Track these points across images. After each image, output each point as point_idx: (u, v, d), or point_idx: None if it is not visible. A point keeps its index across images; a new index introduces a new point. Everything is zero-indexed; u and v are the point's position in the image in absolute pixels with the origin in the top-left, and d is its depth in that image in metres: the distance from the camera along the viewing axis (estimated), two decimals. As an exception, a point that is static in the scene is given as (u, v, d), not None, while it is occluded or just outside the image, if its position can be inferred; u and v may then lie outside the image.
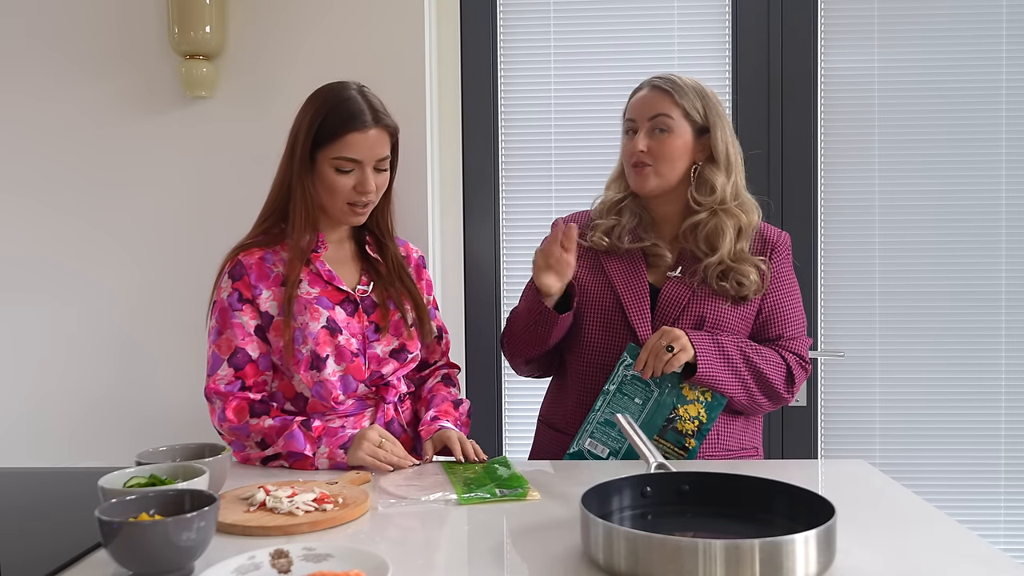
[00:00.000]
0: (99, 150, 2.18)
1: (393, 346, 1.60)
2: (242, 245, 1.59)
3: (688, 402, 1.54)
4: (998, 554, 1.05)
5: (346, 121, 1.50)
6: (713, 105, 1.62)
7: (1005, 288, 2.27)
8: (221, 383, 1.51)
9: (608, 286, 1.63)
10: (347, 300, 1.59)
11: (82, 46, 2.17)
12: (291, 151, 1.56)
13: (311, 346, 1.51)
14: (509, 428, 2.37)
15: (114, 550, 0.95)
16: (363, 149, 1.51)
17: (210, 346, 1.54)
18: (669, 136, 1.59)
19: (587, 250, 1.67)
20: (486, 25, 2.31)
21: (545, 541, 1.12)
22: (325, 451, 1.46)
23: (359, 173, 1.52)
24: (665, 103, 1.59)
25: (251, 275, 1.54)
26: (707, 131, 1.60)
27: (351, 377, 1.55)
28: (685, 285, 1.60)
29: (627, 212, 1.66)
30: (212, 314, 1.56)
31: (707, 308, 1.59)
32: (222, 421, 1.51)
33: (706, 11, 2.29)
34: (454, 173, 2.33)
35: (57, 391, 2.20)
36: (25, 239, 2.20)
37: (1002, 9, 2.24)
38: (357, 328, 1.57)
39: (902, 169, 2.28)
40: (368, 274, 1.64)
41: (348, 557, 0.97)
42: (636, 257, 1.64)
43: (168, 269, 2.18)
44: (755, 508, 1.12)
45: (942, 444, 2.29)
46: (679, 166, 1.60)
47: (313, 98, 1.57)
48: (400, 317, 1.62)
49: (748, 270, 1.58)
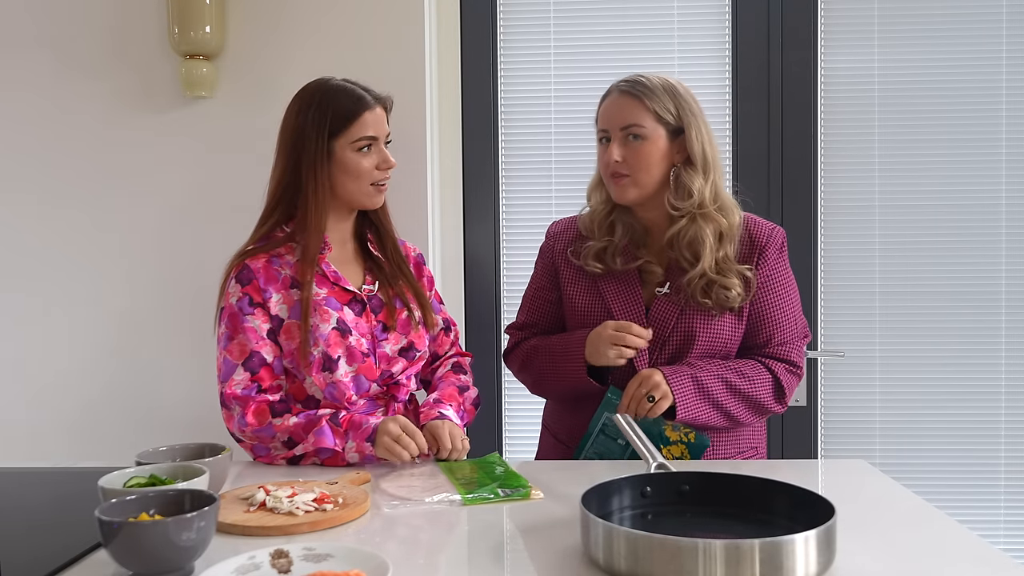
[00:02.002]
0: (99, 150, 2.18)
1: (401, 344, 1.60)
2: (245, 251, 1.58)
3: (671, 443, 1.52)
4: (998, 554, 1.05)
5: (356, 103, 1.55)
6: (686, 103, 1.56)
7: (1005, 288, 2.27)
8: (238, 388, 1.50)
9: (603, 306, 1.61)
10: (354, 300, 1.59)
11: (82, 46, 2.17)
12: (295, 149, 1.55)
13: (322, 348, 1.51)
14: (509, 428, 2.37)
15: (114, 550, 0.95)
16: (377, 126, 1.57)
17: (220, 352, 1.53)
18: (643, 143, 1.54)
19: (580, 268, 1.65)
20: (486, 25, 2.31)
21: (545, 541, 1.12)
22: (353, 445, 1.46)
23: (378, 150, 1.57)
24: (636, 110, 1.55)
25: (259, 279, 1.54)
26: (682, 131, 1.56)
27: (363, 377, 1.55)
28: (673, 303, 1.58)
29: (619, 227, 1.62)
30: (220, 320, 1.55)
31: (697, 322, 1.56)
32: (242, 426, 1.49)
33: (706, 11, 2.29)
34: (454, 173, 2.33)
35: (57, 390, 2.21)
36: (25, 238, 2.20)
37: (1002, 9, 2.24)
38: (366, 328, 1.58)
39: (902, 169, 2.28)
40: (372, 273, 1.64)
41: (348, 557, 0.97)
42: (630, 274, 1.61)
43: (168, 269, 2.18)
44: (755, 508, 1.12)
45: (942, 444, 2.29)
46: (656, 172, 1.56)
47: (306, 96, 1.58)
48: (407, 315, 1.62)
49: (732, 281, 1.55)
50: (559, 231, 1.73)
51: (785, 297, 1.62)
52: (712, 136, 1.59)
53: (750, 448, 1.66)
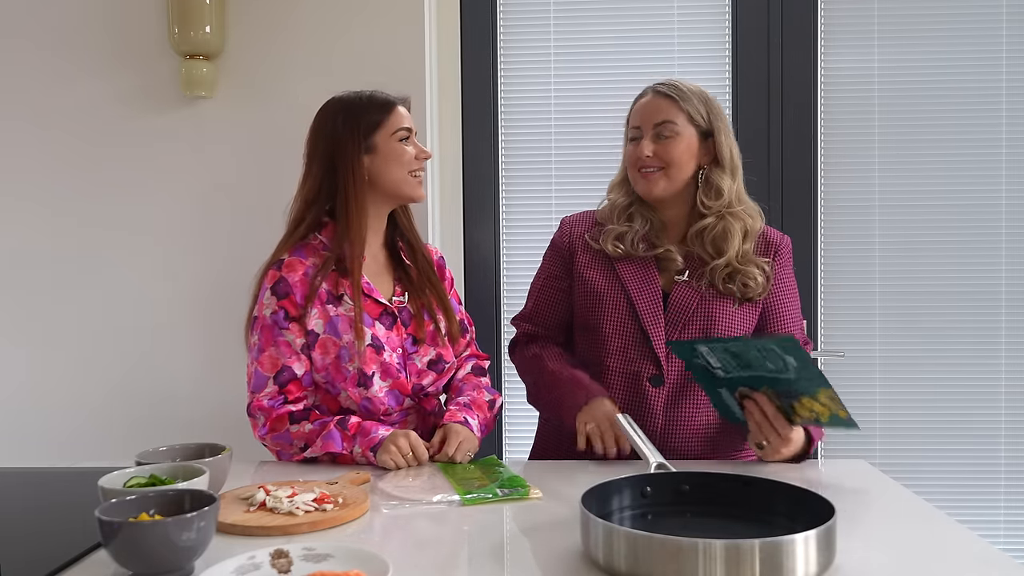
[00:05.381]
0: (99, 150, 2.18)
1: (431, 356, 1.61)
2: (280, 260, 1.56)
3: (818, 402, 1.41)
4: (998, 554, 1.05)
5: (385, 100, 1.60)
6: (716, 109, 1.64)
7: (1005, 288, 2.27)
8: (264, 399, 1.52)
9: (621, 291, 1.63)
10: (385, 313, 1.59)
11: (82, 46, 2.17)
12: (328, 154, 1.56)
13: (358, 364, 1.52)
14: (509, 428, 2.38)
15: (114, 550, 0.95)
16: (409, 119, 1.62)
17: (252, 362, 1.55)
18: (675, 140, 1.60)
19: (598, 253, 1.67)
20: (486, 25, 2.31)
21: (545, 541, 1.12)
22: (359, 451, 1.47)
23: (413, 142, 1.61)
24: (670, 109, 1.60)
25: (296, 293, 1.54)
26: (711, 135, 1.62)
27: (398, 392, 1.57)
28: (693, 288, 1.60)
29: (637, 218, 1.66)
30: (253, 329, 1.56)
31: (715, 310, 1.59)
32: (263, 434, 1.52)
33: (706, 11, 2.29)
34: (454, 173, 2.33)
35: (57, 390, 2.21)
36: (25, 238, 2.20)
37: (1002, 9, 2.24)
38: (396, 341, 1.58)
39: (902, 169, 2.28)
40: (401, 283, 1.65)
41: (348, 557, 0.97)
42: (648, 261, 1.64)
43: (168, 268, 2.18)
44: (755, 508, 1.12)
45: (942, 444, 2.29)
46: (686, 169, 1.61)
47: (331, 109, 1.60)
48: (435, 328, 1.63)
49: (754, 271, 1.60)
50: (575, 220, 1.75)
51: (790, 302, 1.67)
52: (736, 144, 1.66)
53: None
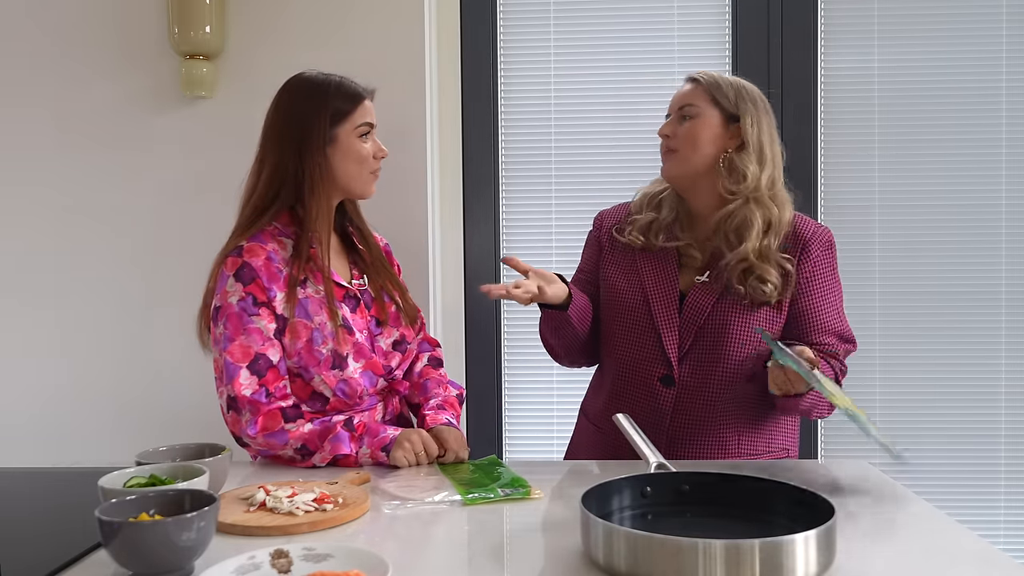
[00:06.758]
0: (99, 149, 2.18)
1: (394, 337, 1.62)
2: (239, 247, 1.52)
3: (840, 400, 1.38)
4: (998, 554, 1.05)
5: (355, 93, 1.58)
6: (750, 97, 1.60)
7: (1005, 288, 2.27)
8: (247, 391, 1.45)
9: (639, 286, 1.62)
10: (348, 296, 1.58)
11: (82, 46, 2.17)
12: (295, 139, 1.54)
13: (331, 345, 1.51)
14: (509, 428, 2.37)
15: (114, 550, 0.95)
16: (372, 114, 1.60)
17: (221, 353, 1.48)
18: (693, 122, 1.59)
19: (621, 247, 1.67)
20: (486, 25, 2.31)
21: (545, 541, 1.12)
22: (367, 452, 1.46)
23: (373, 138, 1.60)
24: (695, 92, 1.61)
25: (262, 277, 1.49)
26: (738, 119, 1.58)
27: (372, 373, 1.56)
28: (709, 292, 1.58)
29: (665, 206, 1.65)
30: (218, 319, 1.49)
31: (731, 314, 1.56)
32: (252, 432, 1.45)
33: (706, 11, 2.29)
34: (454, 173, 2.33)
35: (57, 390, 2.20)
36: (25, 237, 2.20)
37: (1002, 9, 2.24)
38: (362, 323, 1.58)
39: (902, 169, 2.28)
40: (356, 266, 1.65)
41: (348, 557, 0.97)
42: (669, 257, 1.62)
43: (167, 269, 2.18)
44: (755, 508, 1.12)
45: (942, 444, 2.29)
46: (705, 151, 1.58)
47: (300, 88, 1.58)
48: (396, 308, 1.64)
49: (770, 272, 1.54)
50: (608, 213, 1.76)
51: (825, 297, 1.61)
52: (776, 137, 1.62)
53: (781, 449, 1.64)
